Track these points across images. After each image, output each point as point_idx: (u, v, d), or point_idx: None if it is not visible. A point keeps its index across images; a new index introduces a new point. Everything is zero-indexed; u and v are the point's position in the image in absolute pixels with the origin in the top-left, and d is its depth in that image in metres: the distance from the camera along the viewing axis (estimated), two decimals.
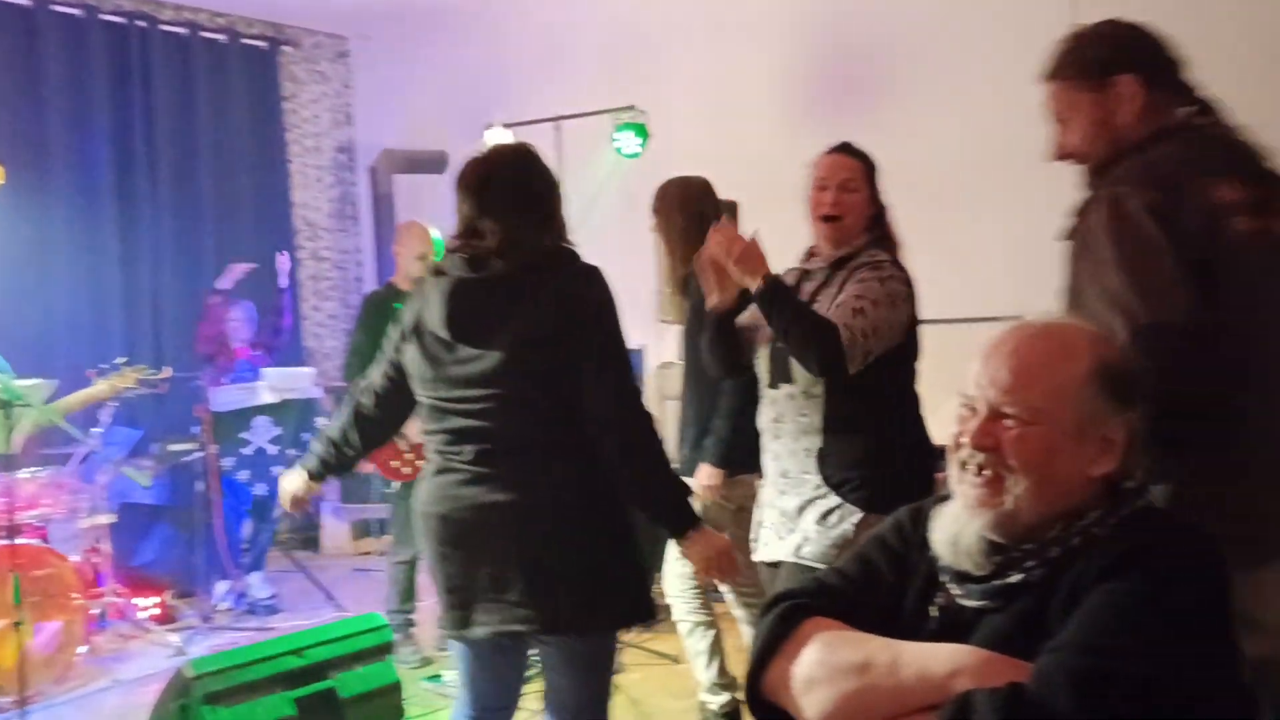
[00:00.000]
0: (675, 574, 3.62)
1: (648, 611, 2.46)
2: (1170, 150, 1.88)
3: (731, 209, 5.43)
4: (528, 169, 2.45)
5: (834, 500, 2.68)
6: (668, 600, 3.65)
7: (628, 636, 4.65)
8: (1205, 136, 1.93)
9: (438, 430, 2.44)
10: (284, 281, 6.07)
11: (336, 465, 2.71)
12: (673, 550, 3.49)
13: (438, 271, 2.47)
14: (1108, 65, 1.96)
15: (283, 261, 6.10)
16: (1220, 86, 2.01)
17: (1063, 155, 2.04)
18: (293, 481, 2.73)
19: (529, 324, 2.33)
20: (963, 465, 1.46)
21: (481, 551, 2.35)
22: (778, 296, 2.66)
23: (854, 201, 2.81)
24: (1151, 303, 1.73)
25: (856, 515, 2.64)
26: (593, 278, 2.41)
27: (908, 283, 2.76)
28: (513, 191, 2.41)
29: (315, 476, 2.71)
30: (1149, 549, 1.33)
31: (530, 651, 2.60)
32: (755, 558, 2.89)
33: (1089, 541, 1.38)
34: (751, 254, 2.68)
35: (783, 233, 2.89)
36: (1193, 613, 1.29)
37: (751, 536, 2.93)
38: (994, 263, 4.95)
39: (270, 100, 7.51)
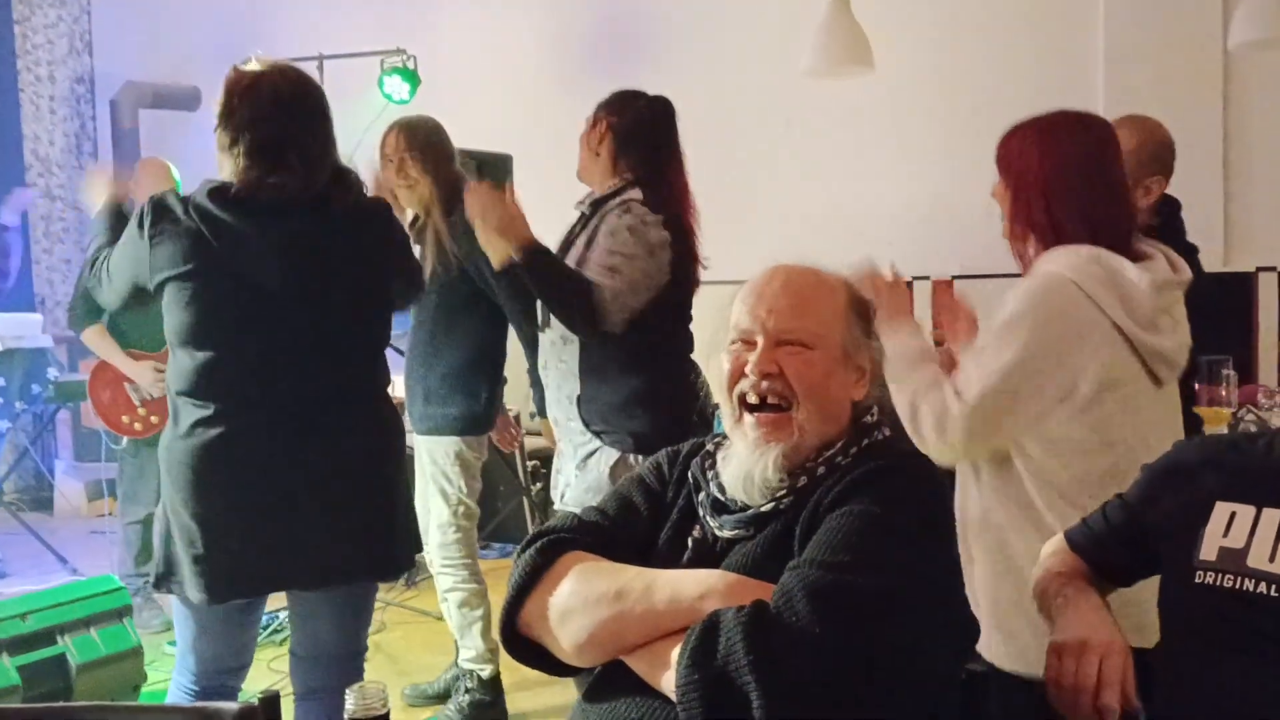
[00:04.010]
0: (443, 543, 3.49)
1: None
2: None
3: (506, 162, 5.36)
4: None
5: (594, 444, 2.69)
6: (434, 571, 3.53)
7: (389, 595, 4.57)
8: None
9: None
10: (11, 219, 5.55)
11: None
12: (435, 520, 3.42)
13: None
14: None
15: (20, 197, 5.56)
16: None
17: None
18: None
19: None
20: (742, 399, 1.51)
21: None
22: (535, 264, 2.63)
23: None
24: None
25: (613, 456, 2.66)
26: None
27: (663, 226, 2.68)
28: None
29: None
30: (880, 474, 1.42)
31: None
32: (555, 506, 2.88)
33: (832, 469, 1.47)
34: (512, 220, 2.63)
35: (556, 186, 2.86)
36: (918, 531, 1.38)
37: (553, 484, 2.93)
38: (735, 228, 5.07)
39: None
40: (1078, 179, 1.97)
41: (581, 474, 2.70)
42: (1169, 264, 1.98)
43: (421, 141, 3.41)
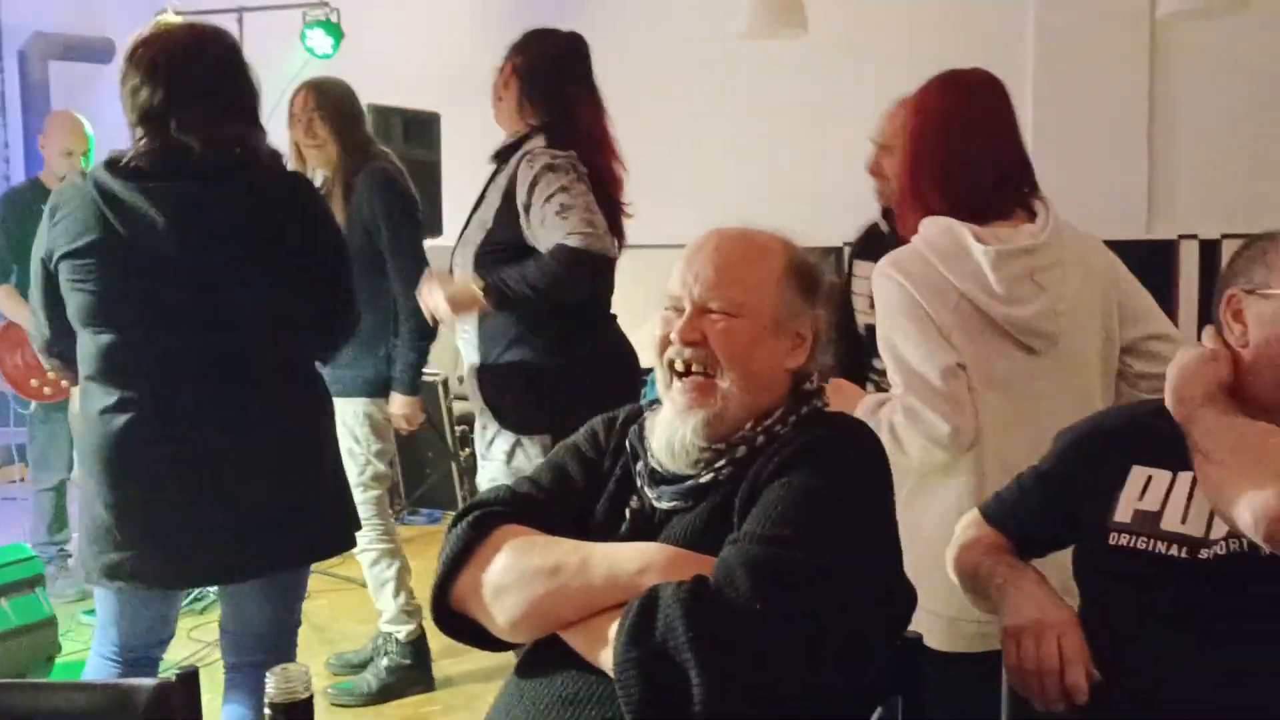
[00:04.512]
0: (359, 501, 3.46)
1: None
2: None
3: (433, 120, 5.25)
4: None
5: (494, 426, 2.60)
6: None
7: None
8: None
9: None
10: None
11: None
12: (354, 479, 3.38)
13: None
14: None
15: None
16: None
17: None
18: None
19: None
20: (671, 365, 1.49)
21: None
22: (505, 297, 2.52)
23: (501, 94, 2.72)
24: None
25: (510, 440, 2.56)
26: None
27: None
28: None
29: None
30: (822, 445, 1.41)
31: None
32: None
33: (771, 439, 1.45)
34: (460, 301, 2.57)
35: (487, 146, 2.78)
36: (860, 505, 1.38)
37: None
38: (671, 192, 5.03)
39: None
40: (939, 141, 1.98)
41: (485, 464, 2.61)
42: (1054, 226, 1.96)
43: (330, 102, 3.37)
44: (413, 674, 3.44)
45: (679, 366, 1.47)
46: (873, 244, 2.73)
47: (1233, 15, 3.92)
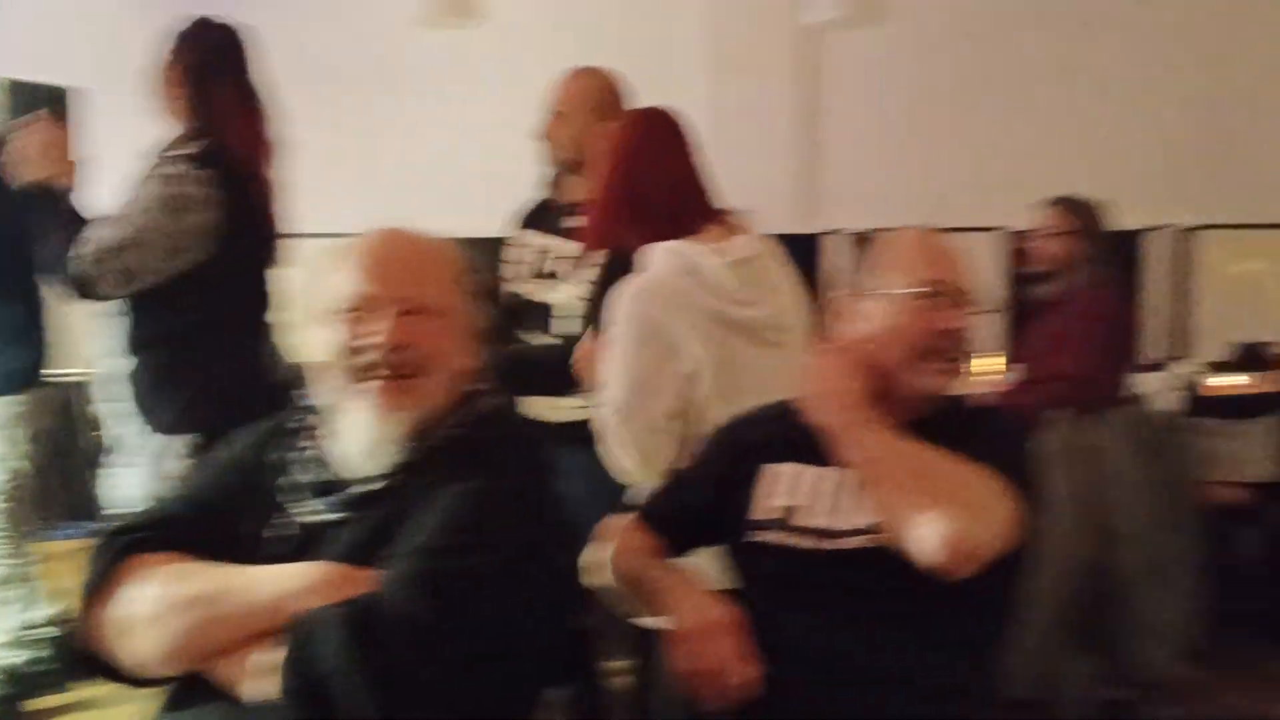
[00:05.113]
0: None
1: None
2: None
3: (59, 96, 4.77)
4: None
5: (142, 430, 2.44)
6: None
7: None
8: None
9: None
10: None
11: None
12: None
13: None
14: None
15: None
16: None
17: None
18: None
19: None
20: (366, 368, 1.41)
21: None
22: (43, 201, 2.36)
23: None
24: None
25: (157, 443, 2.41)
26: None
27: (210, 183, 2.40)
28: None
29: None
30: (483, 451, 1.39)
31: None
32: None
33: (440, 444, 1.42)
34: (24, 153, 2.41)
35: (139, 129, 2.57)
36: (520, 506, 1.37)
37: None
38: (346, 182, 4.89)
39: None
40: (624, 170, 2.14)
41: (130, 470, 2.44)
42: (756, 235, 2.13)
43: None
44: (10, 706, 3.12)
45: (381, 370, 1.41)
46: (543, 214, 2.78)
47: (871, 25, 4.30)
